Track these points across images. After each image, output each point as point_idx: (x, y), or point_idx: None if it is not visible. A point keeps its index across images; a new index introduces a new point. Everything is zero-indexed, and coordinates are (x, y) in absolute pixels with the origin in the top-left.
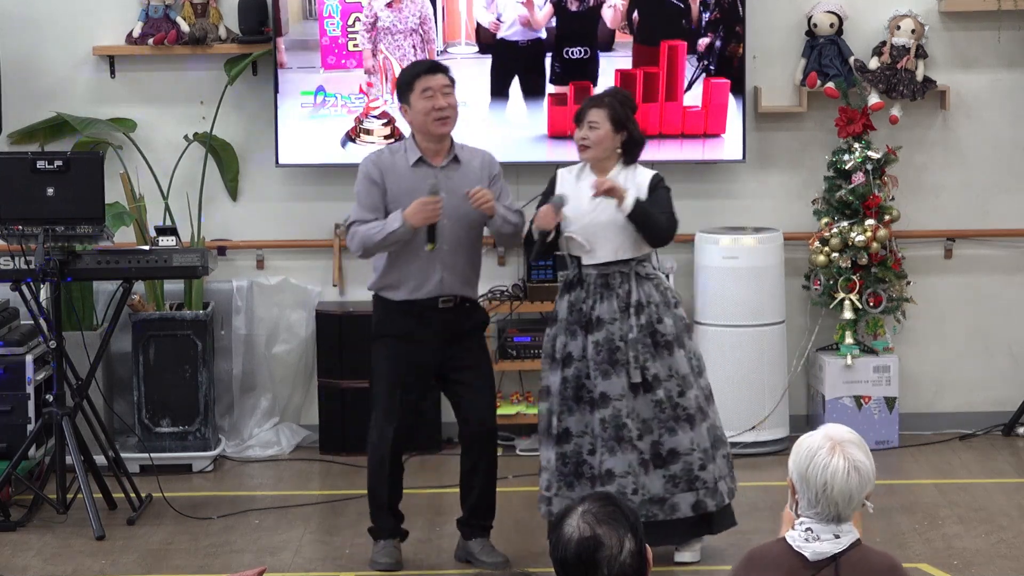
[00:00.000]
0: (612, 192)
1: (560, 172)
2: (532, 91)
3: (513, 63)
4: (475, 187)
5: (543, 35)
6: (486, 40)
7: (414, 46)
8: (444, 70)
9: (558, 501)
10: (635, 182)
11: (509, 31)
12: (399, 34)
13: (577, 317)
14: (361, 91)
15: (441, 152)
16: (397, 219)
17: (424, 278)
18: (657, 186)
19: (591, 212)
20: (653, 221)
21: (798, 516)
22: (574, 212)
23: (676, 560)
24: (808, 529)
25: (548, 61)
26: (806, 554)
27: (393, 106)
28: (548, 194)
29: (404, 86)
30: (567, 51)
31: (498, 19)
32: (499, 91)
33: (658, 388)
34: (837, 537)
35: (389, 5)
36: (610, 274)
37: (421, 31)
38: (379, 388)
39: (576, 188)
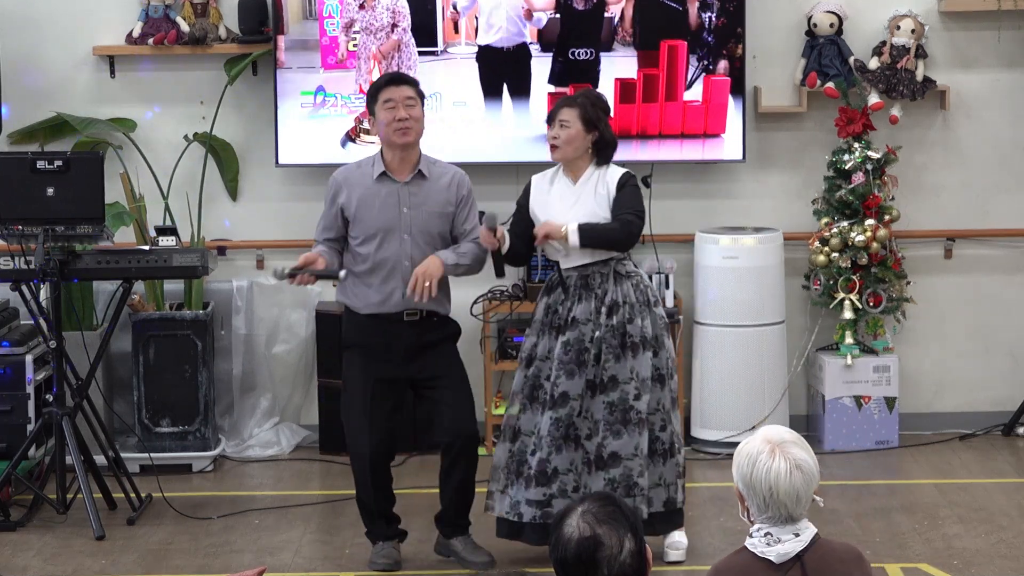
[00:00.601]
0: (551, 236)
1: (534, 179)
2: (519, 94)
3: (501, 68)
4: (411, 284)
5: (528, 39)
6: (471, 42)
7: (398, 43)
8: (410, 82)
9: (499, 497)
10: (605, 181)
11: (495, 37)
12: (378, 32)
13: (552, 319)
14: (361, 91)
15: (407, 166)
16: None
17: (389, 293)
18: (625, 184)
19: (566, 214)
20: (606, 238)
21: (752, 523)
22: (548, 215)
23: (667, 560)
24: (767, 533)
25: (549, 61)
26: (771, 557)
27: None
28: (523, 204)
29: (370, 97)
30: (572, 52)
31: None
32: (489, 94)
33: (613, 390)
34: (797, 535)
35: (362, 7)
36: (590, 274)
37: (394, 24)
38: (350, 398)
39: (550, 193)
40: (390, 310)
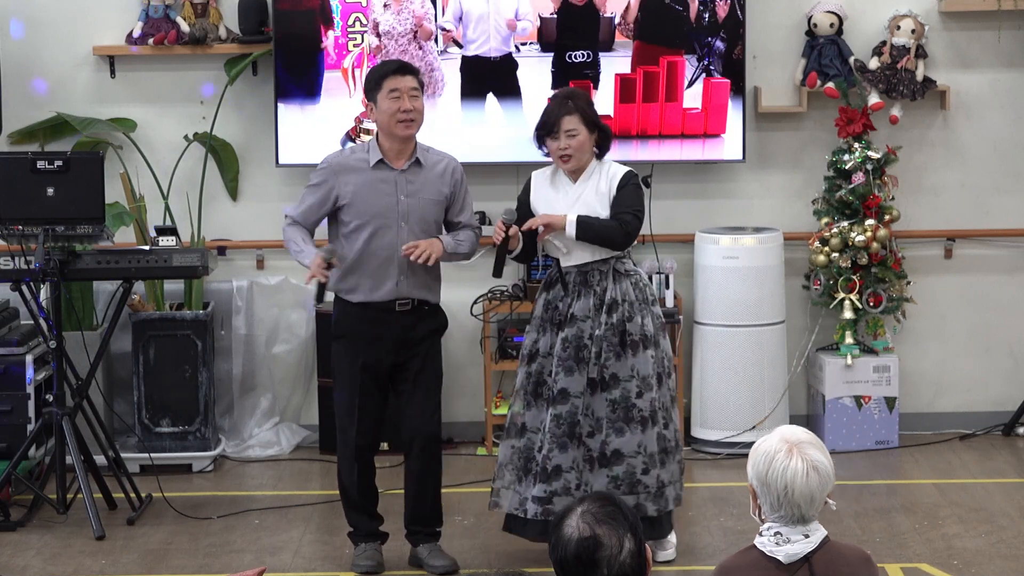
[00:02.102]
0: (549, 228)
1: (534, 175)
2: (509, 95)
3: (485, 77)
4: (409, 245)
5: (513, 50)
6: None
7: (420, 47)
8: (414, 72)
9: (505, 494)
10: (607, 178)
11: (481, 48)
12: (401, 36)
13: (552, 315)
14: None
15: (404, 155)
16: (308, 257)
17: (381, 281)
18: (626, 184)
19: (566, 213)
20: (603, 234)
21: (763, 521)
22: (549, 212)
23: (657, 559)
24: (777, 533)
25: (549, 62)
26: (779, 557)
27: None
28: (524, 201)
29: (372, 84)
30: (569, 55)
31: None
32: (473, 97)
33: (615, 388)
34: (807, 536)
35: (386, 6)
36: (589, 272)
37: (416, 28)
38: (339, 389)
39: (551, 190)
40: (382, 298)
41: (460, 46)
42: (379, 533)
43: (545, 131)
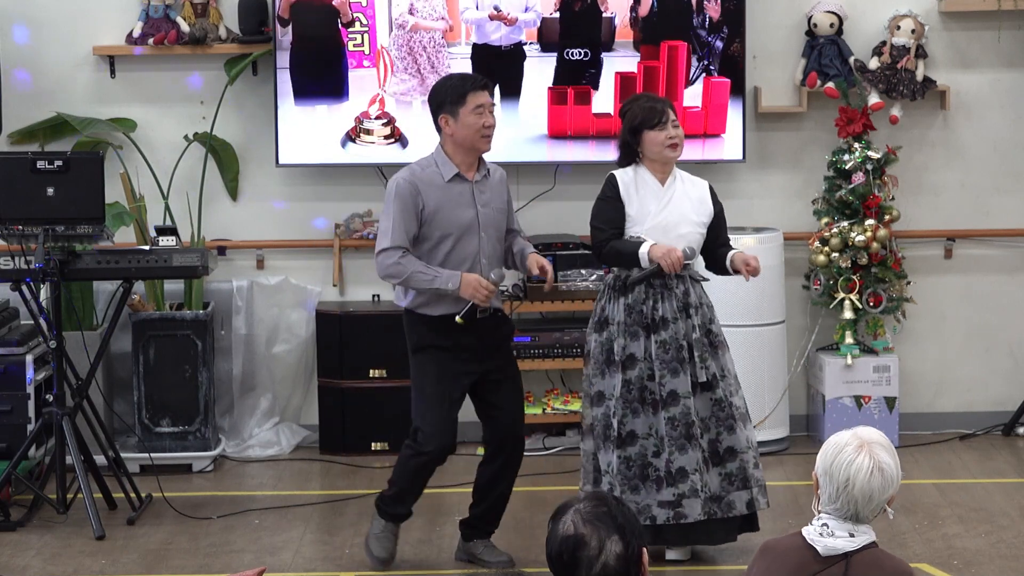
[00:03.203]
0: (756, 271)
1: (619, 176)
2: (510, 94)
3: (495, 67)
4: (539, 263)
5: (523, 38)
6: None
7: (422, 49)
8: (491, 88)
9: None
10: (691, 184)
11: (495, 35)
12: (431, 27)
13: (638, 319)
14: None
15: (474, 166)
16: (453, 282)
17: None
18: (719, 203)
19: (658, 214)
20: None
21: (818, 513)
22: (639, 213)
23: (667, 558)
24: (824, 524)
25: (548, 61)
26: (818, 548)
27: (391, 105)
28: (614, 199)
29: (455, 98)
30: (568, 52)
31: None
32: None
33: (717, 387)
34: (852, 536)
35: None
36: (667, 275)
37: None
38: (426, 401)
39: (636, 189)
40: (464, 309)
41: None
42: (404, 516)
43: (651, 122)
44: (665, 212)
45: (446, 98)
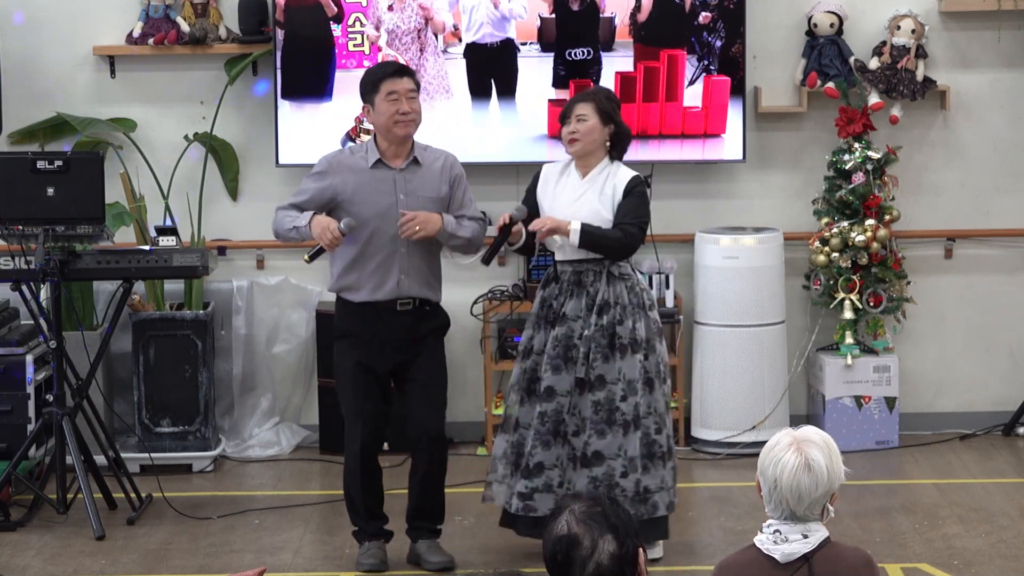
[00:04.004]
0: (555, 231)
1: (545, 168)
2: (505, 91)
3: (488, 65)
4: (407, 215)
5: (513, 35)
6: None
7: (421, 48)
8: (410, 74)
9: (497, 488)
10: (613, 182)
11: (478, 34)
12: (405, 35)
13: (546, 313)
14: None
15: (401, 154)
16: (305, 220)
17: (382, 280)
18: (632, 191)
19: (569, 207)
20: (604, 243)
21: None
22: (553, 207)
23: None
24: (776, 531)
25: (549, 62)
26: (776, 556)
27: None
28: (531, 192)
29: (369, 87)
30: (569, 52)
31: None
32: (477, 93)
33: (600, 389)
34: (805, 537)
35: (391, 8)
36: (583, 271)
37: (426, 29)
38: (342, 389)
39: (558, 184)
40: (383, 298)
41: (459, 39)
42: (384, 532)
43: (561, 119)
44: (576, 205)
45: (365, 87)
